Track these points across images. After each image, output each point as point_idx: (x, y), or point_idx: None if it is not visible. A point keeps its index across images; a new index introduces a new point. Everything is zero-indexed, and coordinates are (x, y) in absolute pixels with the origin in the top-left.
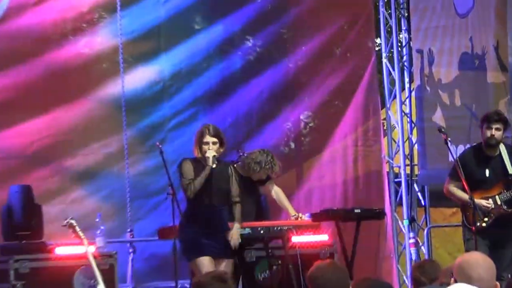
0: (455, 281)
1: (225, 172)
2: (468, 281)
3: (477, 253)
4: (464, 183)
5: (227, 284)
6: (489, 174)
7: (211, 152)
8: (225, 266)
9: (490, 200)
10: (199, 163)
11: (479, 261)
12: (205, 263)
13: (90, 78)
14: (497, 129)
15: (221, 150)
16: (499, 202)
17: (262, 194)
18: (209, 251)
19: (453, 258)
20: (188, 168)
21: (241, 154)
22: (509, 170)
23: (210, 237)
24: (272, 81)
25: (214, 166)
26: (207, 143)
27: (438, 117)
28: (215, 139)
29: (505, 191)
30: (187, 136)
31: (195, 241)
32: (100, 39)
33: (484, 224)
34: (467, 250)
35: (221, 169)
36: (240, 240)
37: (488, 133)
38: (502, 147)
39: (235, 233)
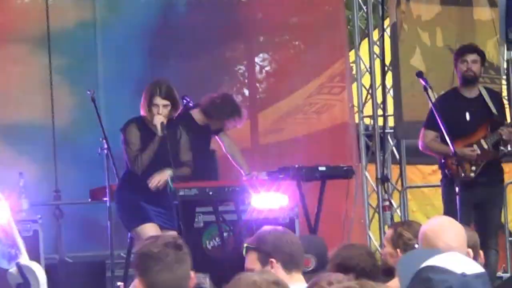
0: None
1: (174, 138)
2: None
3: (444, 217)
4: (444, 131)
5: (183, 251)
6: (470, 117)
7: (159, 118)
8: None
9: (475, 146)
10: (146, 127)
11: (446, 228)
12: (152, 230)
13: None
14: (473, 61)
15: (173, 113)
16: (485, 146)
17: (212, 148)
18: (155, 219)
19: None
20: (135, 134)
21: (188, 103)
22: (492, 109)
23: (155, 204)
24: (221, 19)
25: (160, 134)
26: (157, 105)
27: (416, 60)
28: (166, 102)
29: (490, 133)
30: (123, 83)
31: (139, 206)
32: None
33: (472, 174)
34: (446, 212)
35: (170, 134)
36: (160, 184)
37: (464, 67)
38: (482, 89)
39: (162, 175)
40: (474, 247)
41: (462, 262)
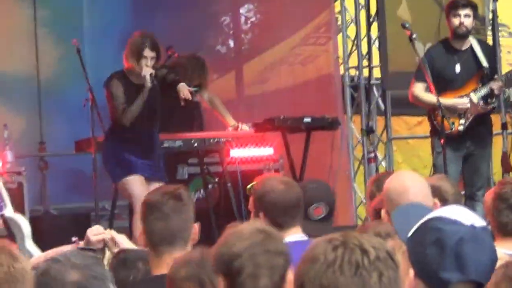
0: (387, 213)
1: (156, 89)
2: None
3: (404, 173)
4: (430, 83)
5: (183, 202)
6: (460, 70)
7: (148, 70)
8: None
9: (466, 98)
10: (128, 80)
11: (407, 184)
12: (138, 182)
13: None
14: (466, 15)
15: (157, 64)
16: (475, 100)
17: (195, 100)
18: (141, 171)
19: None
20: (119, 86)
21: (171, 54)
22: (482, 62)
23: (142, 156)
24: None
25: (150, 85)
26: (146, 57)
27: (402, 11)
28: (154, 54)
29: (480, 86)
30: (109, 35)
31: (124, 159)
32: None
33: (460, 128)
34: (434, 165)
35: (155, 86)
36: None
37: (456, 21)
38: (473, 41)
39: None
40: (457, 200)
41: (468, 214)
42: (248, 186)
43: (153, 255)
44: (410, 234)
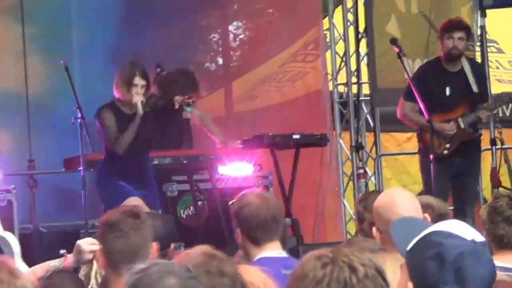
0: (378, 231)
1: (149, 117)
2: (389, 225)
3: (393, 190)
4: (421, 104)
5: (141, 219)
6: (450, 93)
7: (139, 97)
8: None
9: (453, 123)
10: (119, 110)
11: (396, 200)
12: (137, 202)
13: None
14: (460, 38)
15: (147, 93)
16: (462, 125)
17: (186, 117)
18: (138, 195)
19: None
20: (111, 118)
21: (160, 71)
22: (473, 88)
23: (137, 186)
24: None
25: (141, 113)
26: (136, 85)
27: (391, 27)
28: (144, 82)
29: (468, 112)
30: (97, 51)
31: (120, 185)
32: None
33: (445, 151)
34: (425, 183)
35: (147, 113)
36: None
37: (450, 44)
38: (464, 62)
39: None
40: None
41: (469, 229)
42: (230, 202)
43: (113, 274)
44: (409, 247)
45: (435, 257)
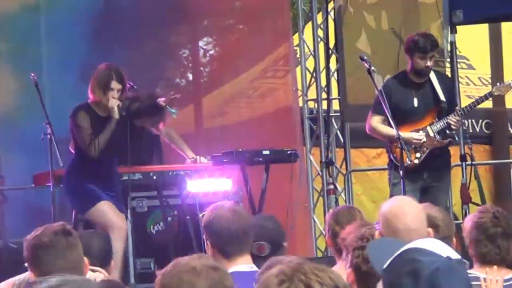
0: (381, 235)
1: (125, 120)
2: (395, 233)
3: (403, 198)
4: (389, 116)
5: (73, 236)
6: (418, 103)
7: (115, 101)
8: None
9: (421, 132)
10: (95, 113)
11: (405, 210)
12: (107, 207)
13: None
14: (431, 57)
15: (123, 97)
16: (431, 134)
17: (156, 133)
18: (107, 198)
19: (377, 207)
20: (86, 119)
21: (130, 88)
22: (440, 96)
23: (105, 188)
24: (165, 2)
25: (117, 117)
26: (113, 89)
27: (361, 43)
28: (120, 86)
29: (437, 120)
30: (67, 67)
31: (89, 189)
32: None
33: (416, 161)
34: (392, 196)
35: (122, 118)
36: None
37: (423, 64)
38: (431, 74)
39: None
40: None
41: (444, 247)
42: (200, 215)
43: None
44: (386, 265)
45: (410, 274)
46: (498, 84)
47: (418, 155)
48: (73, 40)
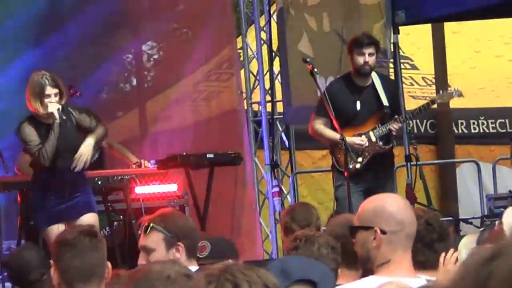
0: (382, 232)
1: (70, 123)
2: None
3: (387, 195)
4: (333, 119)
5: (98, 238)
6: (361, 107)
7: (54, 105)
8: (89, 218)
9: (364, 137)
10: (39, 122)
11: (407, 203)
12: (51, 235)
13: None
14: (370, 54)
15: (62, 102)
16: (373, 139)
17: None
18: (66, 216)
19: (324, 208)
20: (30, 131)
21: (74, 93)
22: (383, 101)
23: (68, 196)
24: (108, 7)
25: (59, 120)
26: (49, 95)
27: (304, 45)
28: (56, 90)
29: (379, 125)
30: (11, 73)
31: (45, 206)
32: None
33: (358, 166)
34: (336, 198)
35: (65, 120)
36: (87, 158)
37: (361, 60)
38: (374, 76)
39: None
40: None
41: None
42: (137, 222)
43: None
44: None
45: None
46: (440, 92)
47: (360, 159)
48: (17, 47)
